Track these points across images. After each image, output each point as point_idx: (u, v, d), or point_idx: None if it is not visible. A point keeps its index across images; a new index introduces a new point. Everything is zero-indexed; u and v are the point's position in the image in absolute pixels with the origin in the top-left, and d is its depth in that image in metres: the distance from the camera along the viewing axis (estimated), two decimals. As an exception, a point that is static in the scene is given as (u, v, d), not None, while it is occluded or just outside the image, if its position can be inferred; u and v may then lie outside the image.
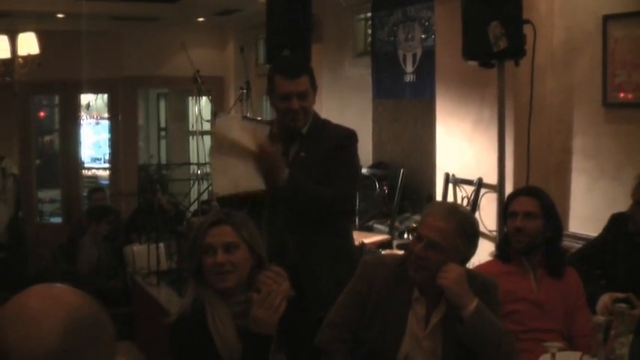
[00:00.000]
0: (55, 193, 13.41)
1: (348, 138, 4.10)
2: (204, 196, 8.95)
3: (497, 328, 3.09)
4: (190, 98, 12.87)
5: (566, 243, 4.85)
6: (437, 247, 3.10)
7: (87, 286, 7.49)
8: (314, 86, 4.04)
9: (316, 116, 4.12)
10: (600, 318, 3.12)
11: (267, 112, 11.29)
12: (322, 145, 4.00)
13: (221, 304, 2.94)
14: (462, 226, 3.14)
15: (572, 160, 5.72)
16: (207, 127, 11.47)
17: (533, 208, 3.84)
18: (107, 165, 13.48)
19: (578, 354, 3.18)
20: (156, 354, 6.51)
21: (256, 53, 11.89)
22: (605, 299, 3.82)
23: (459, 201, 6.24)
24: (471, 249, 3.20)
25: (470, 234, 3.18)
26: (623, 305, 3.18)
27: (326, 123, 4.18)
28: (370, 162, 8.40)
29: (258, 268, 3.01)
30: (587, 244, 4.69)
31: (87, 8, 9.89)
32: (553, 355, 2.96)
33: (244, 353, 2.84)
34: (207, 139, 11.81)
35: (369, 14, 8.78)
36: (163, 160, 13.99)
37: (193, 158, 12.17)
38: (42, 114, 14.38)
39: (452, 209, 3.25)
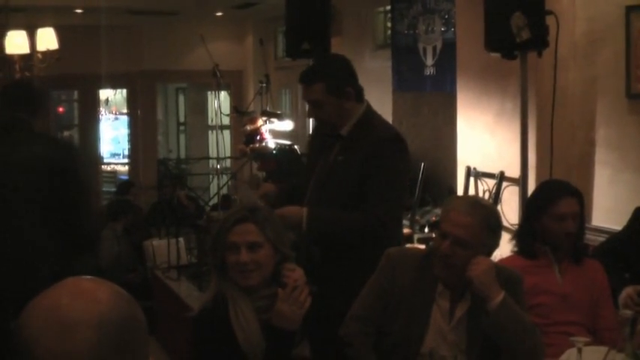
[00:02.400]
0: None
1: (383, 144, 3.75)
2: (224, 190, 8.95)
3: (522, 321, 3.05)
4: (209, 92, 12.92)
5: (589, 236, 4.80)
6: (463, 243, 3.05)
7: (107, 280, 7.51)
8: (337, 91, 3.77)
9: (365, 115, 3.86)
10: (627, 312, 3.08)
11: (286, 105, 11.29)
12: (360, 148, 3.74)
13: (244, 298, 2.92)
14: (486, 219, 3.09)
15: (596, 152, 5.66)
16: (226, 121, 11.49)
17: (578, 209, 3.76)
18: (126, 160, 13.52)
19: (604, 349, 3.13)
20: (176, 348, 6.51)
21: (275, 46, 11.88)
22: (628, 291, 3.77)
23: (480, 194, 6.19)
24: (496, 241, 3.17)
25: (494, 227, 3.13)
26: (650, 299, 3.14)
27: (371, 123, 3.86)
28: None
29: (282, 264, 2.99)
30: (610, 237, 4.63)
31: (105, 2, 9.91)
32: (580, 350, 2.92)
33: (268, 348, 2.82)
34: (227, 133, 11.88)
35: (389, 7, 8.75)
36: (182, 155, 14.04)
37: (213, 152, 12.21)
38: (61, 109, 14.46)
39: (475, 203, 3.19)
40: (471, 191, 6.35)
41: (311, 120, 7.14)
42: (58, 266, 3.72)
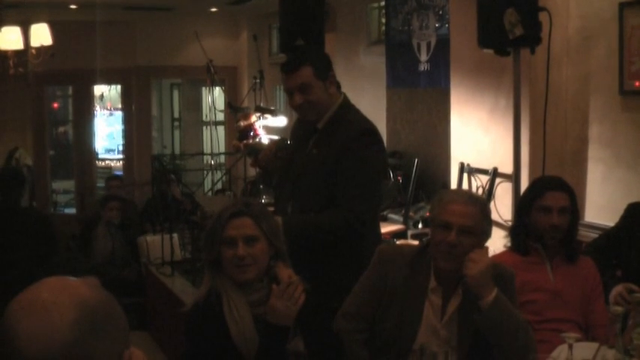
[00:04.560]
0: (68, 184, 13.46)
1: (358, 139, 3.74)
2: (218, 186, 8.95)
3: (515, 318, 3.06)
4: (204, 88, 12.90)
5: (582, 233, 4.80)
6: (470, 231, 3.09)
7: (101, 276, 7.50)
8: (323, 75, 3.79)
9: (342, 108, 3.87)
10: (618, 308, 3.08)
11: (280, 101, 11.28)
12: (334, 142, 3.75)
13: (238, 293, 2.91)
14: (484, 208, 3.19)
15: (588, 148, 5.67)
16: (220, 117, 11.50)
17: (566, 203, 3.77)
18: (121, 156, 13.52)
19: (595, 345, 3.14)
20: (170, 344, 6.51)
21: (270, 42, 11.87)
22: (618, 288, 3.78)
23: (473, 190, 6.20)
24: (491, 230, 3.23)
25: (489, 217, 3.21)
26: (640, 295, 3.15)
27: (347, 117, 3.87)
28: (384, 151, 8.36)
29: (276, 258, 2.99)
30: (602, 234, 4.63)
31: (100, -2, 9.91)
32: (570, 346, 2.93)
33: (261, 343, 2.82)
34: (221, 129, 11.88)
35: (383, 3, 8.75)
36: (177, 151, 14.04)
37: (207, 148, 12.22)
38: (56, 105, 14.43)
39: (471, 194, 3.36)
40: (464, 187, 6.36)
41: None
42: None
